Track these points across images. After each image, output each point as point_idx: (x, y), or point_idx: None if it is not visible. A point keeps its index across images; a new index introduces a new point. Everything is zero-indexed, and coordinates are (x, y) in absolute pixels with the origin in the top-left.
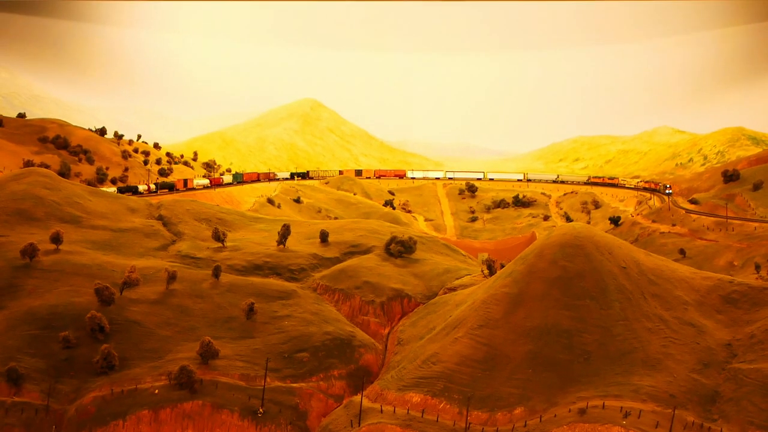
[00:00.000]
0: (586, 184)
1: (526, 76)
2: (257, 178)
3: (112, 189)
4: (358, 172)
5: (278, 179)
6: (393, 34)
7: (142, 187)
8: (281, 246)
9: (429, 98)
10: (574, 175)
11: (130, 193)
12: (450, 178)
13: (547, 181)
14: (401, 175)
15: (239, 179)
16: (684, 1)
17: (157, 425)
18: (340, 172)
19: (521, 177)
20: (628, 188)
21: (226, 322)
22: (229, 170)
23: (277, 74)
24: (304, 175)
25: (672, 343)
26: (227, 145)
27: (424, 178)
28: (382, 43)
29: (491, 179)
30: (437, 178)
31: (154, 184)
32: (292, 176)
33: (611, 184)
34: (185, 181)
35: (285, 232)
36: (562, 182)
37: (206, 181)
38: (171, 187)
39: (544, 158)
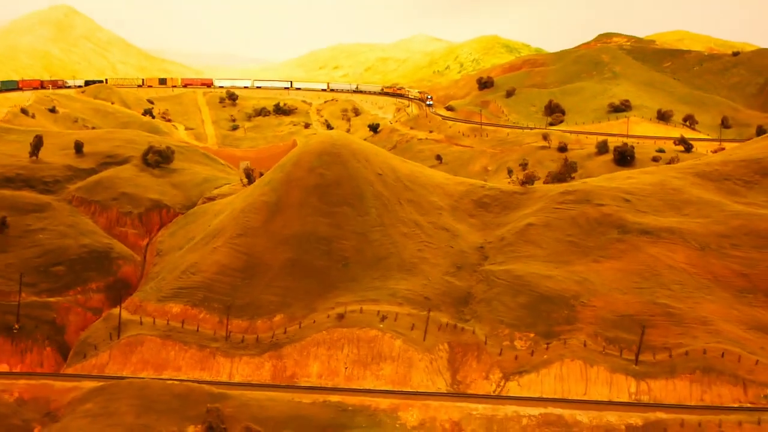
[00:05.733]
0: (381, 93)
1: None
2: (40, 85)
3: None
4: (162, 81)
5: (69, 87)
6: None
7: None
8: (34, 158)
9: (189, 6)
10: (370, 86)
11: None
12: (297, 89)
13: (348, 91)
14: (209, 84)
15: (13, 86)
16: None
17: None
18: (162, 80)
19: (325, 87)
20: (410, 98)
21: None
22: None
23: None
24: (103, 83)
25: (427, 248)
26: None
27: (264, 88)
28: None
29: (333, 90)
30: (286, 88)
31: None
32: (87, 84)
33: (400, 94)
34: None
35: (38, 143)
36: (361, 92)
37: None
38: None
39: (305, 66)
